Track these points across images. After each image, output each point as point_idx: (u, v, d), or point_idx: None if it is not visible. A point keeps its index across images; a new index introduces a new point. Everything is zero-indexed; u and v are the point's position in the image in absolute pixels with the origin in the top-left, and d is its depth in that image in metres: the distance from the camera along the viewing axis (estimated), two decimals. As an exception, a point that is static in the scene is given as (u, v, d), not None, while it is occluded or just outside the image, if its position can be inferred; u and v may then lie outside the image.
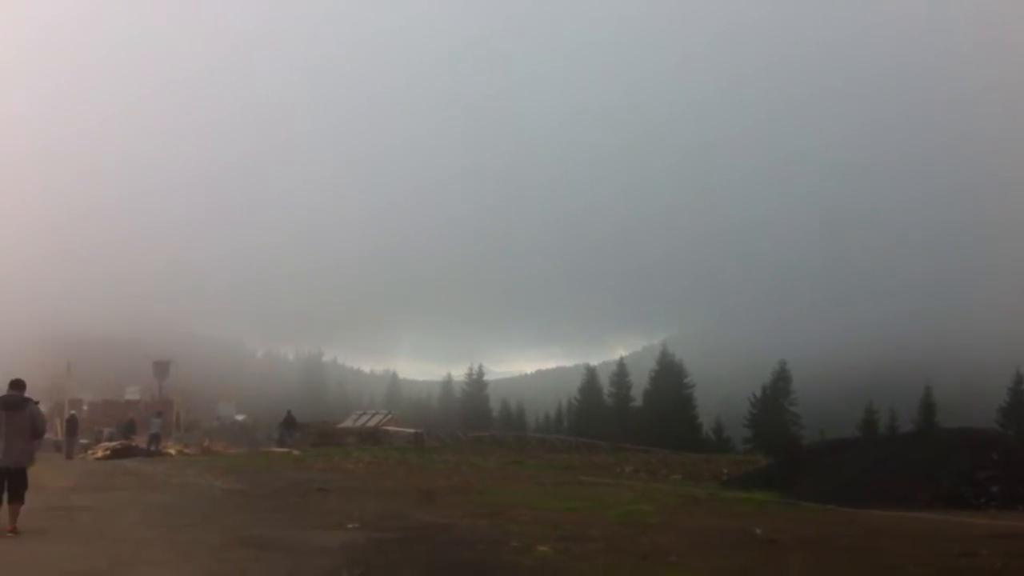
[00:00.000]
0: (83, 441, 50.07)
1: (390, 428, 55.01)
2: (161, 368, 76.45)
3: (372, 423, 56.43)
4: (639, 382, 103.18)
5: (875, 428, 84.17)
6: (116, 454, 38.35)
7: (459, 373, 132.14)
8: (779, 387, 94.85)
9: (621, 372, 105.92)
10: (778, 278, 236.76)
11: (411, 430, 54.80)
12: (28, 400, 13.36)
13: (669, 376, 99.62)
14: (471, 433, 63.81)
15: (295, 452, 38.47)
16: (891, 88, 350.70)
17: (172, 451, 41.87)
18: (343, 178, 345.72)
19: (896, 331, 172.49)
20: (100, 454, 39.56)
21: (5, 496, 12.80)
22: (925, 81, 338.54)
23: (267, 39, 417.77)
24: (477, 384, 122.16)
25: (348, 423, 58.14)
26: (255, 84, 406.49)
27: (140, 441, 46.01)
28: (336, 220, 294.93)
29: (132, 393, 78.92)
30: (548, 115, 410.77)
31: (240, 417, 79.65)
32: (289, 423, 48.90)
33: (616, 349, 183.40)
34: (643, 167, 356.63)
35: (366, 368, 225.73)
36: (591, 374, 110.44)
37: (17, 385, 13.48)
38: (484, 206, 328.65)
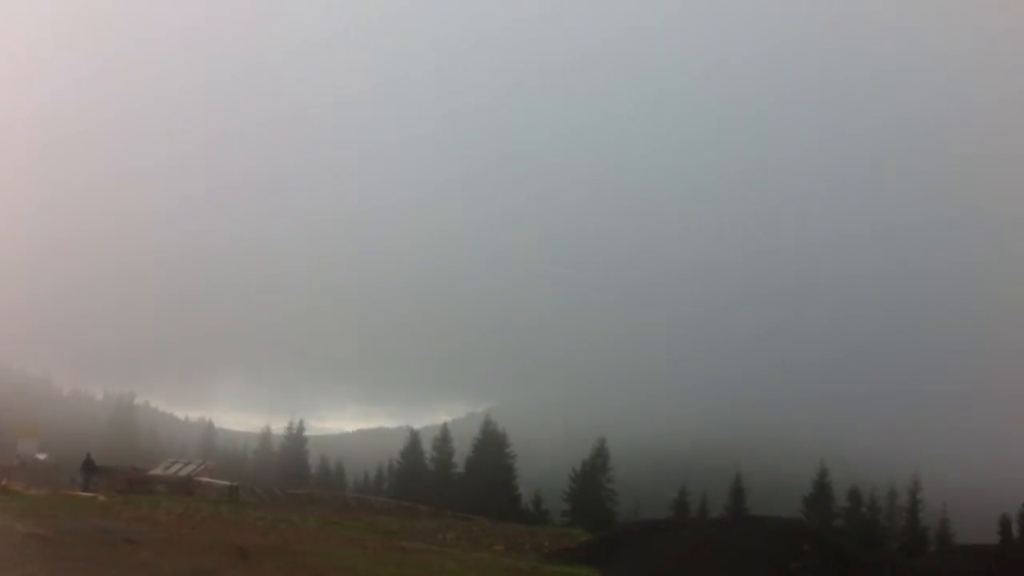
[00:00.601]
0: None
1: (203, 479, 53.02)
2: (-42, 399, 71.58)
3: (185, 472, 54.21)
4: (461, 448, 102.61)
5: (687, 509, 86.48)
6: (-100, 488, 35.56)
7: (278, 426, 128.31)
8: (598, 463, 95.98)
9: (444, 437, 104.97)
10: (602, 361, 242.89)
11: (226, 483, 52.99)
12: None
13: (492, 445, 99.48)
14: (288, 490, 62.13)
15: (101, 497, 36.58)
16: (731, 194, 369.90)
17: (-36, 488, 39.14)
18: (169, 215, 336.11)
19: (711, 419, 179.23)
20: None
21: None
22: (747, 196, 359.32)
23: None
24: (297, 439, 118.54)
25: (159, 471, 55.66)
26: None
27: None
28: (157, 258, 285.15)
29: (-75, 424, 73.38)
30: (406, 185, 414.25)
31: (42, 456, 75.23)
32: (88, 466, 46.65)
33: (440, 414, 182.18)
34: (484, 244, 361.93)
35: (180, 414, 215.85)
36: (414, 437, 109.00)
37: None
38: (315, 260, 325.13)
